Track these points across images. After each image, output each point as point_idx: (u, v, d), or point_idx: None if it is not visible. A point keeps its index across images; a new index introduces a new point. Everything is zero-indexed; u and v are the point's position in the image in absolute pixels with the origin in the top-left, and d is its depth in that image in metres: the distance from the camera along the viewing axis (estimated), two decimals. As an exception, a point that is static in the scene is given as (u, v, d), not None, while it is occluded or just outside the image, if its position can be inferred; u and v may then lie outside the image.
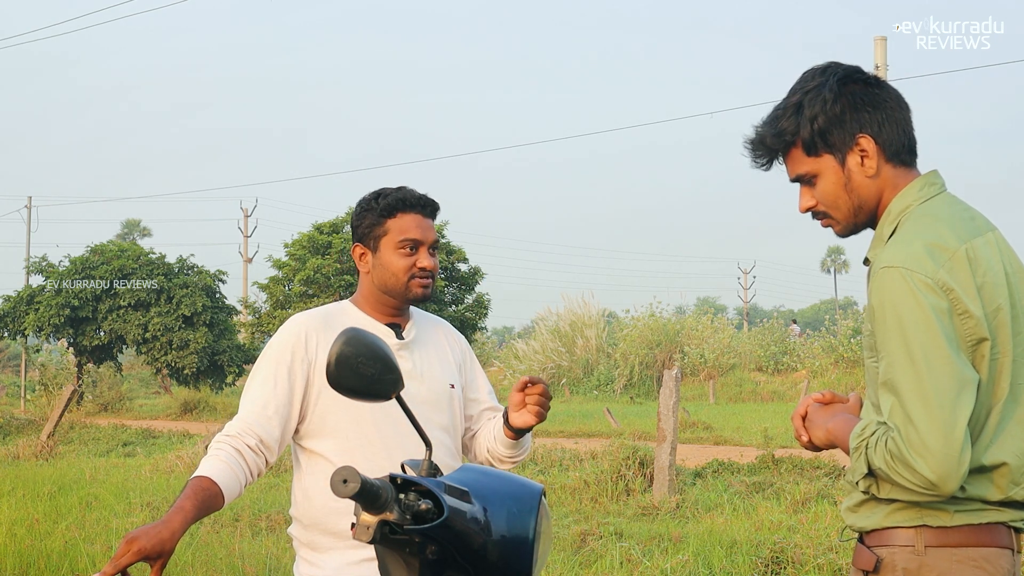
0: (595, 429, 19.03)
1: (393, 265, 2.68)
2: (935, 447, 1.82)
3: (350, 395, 1.93)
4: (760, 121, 2.14)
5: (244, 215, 47.99)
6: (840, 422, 2.06)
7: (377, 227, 2.70)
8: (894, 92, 2.09)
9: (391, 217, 2.69)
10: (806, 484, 9.47)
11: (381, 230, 2.70)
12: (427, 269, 2.69)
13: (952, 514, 1.94)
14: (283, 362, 2.63)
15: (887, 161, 2.06)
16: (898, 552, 1.97)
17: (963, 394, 1.86)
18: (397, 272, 2.68)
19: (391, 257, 2.69)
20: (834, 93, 2.05)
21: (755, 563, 6.37)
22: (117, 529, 7.95)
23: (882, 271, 1.94)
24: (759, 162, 2.15)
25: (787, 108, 2.09)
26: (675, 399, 9.81)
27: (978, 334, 1.92)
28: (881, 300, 1.94)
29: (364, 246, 2.74)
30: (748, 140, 2.15)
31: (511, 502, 1.90)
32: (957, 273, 1.93)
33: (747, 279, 69.32)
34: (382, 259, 2.70)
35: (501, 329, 76.11)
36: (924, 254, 1.93)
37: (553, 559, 6.76)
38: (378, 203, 2.71)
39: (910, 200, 2.04)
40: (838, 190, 2.08)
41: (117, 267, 28.32)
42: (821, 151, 2.07)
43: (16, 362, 46.25)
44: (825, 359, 34.69)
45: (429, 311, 19.41)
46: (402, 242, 2.68)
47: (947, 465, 1.82)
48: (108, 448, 16.23)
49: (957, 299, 1.91)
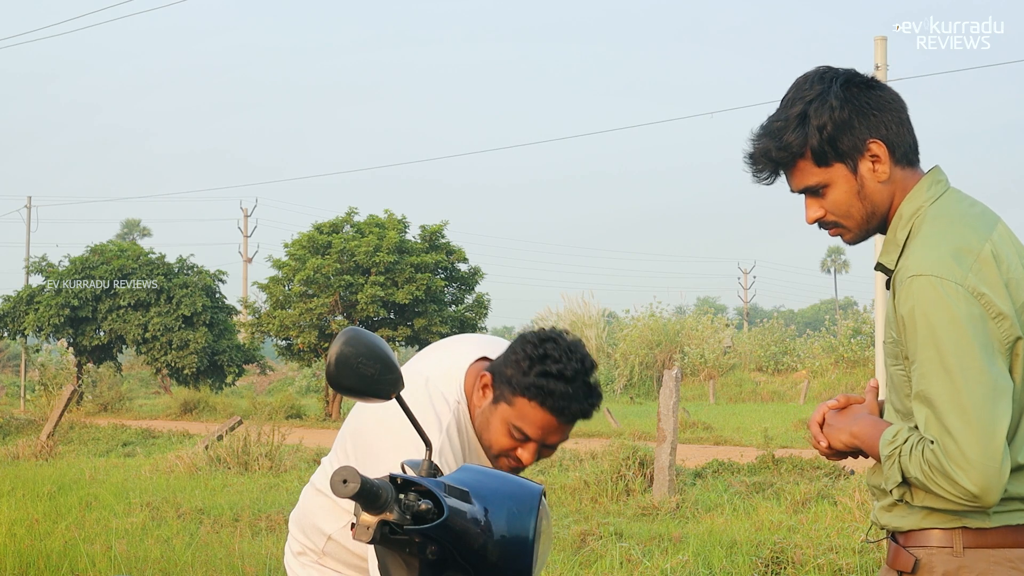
0: (595, 429, 19.03)
1: (496, 435, 2.33)
2: (975, 459, 1.80)
3: (350, 395, 1.93)
4: (754, 134, 2.05)
5: (244, 215, 48.02)
6: (866, 425, 2.02)
7: (510, 393, 2.28)
8: (893, 92, 2.05)
9: (527, 398, 2.27)
10: (806, 484, 9.47)
11: (511, 397, 2.28)
12: (523, 463, 2.34)
13: (990, 515, 1.92)
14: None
15: (897, 164, 2.03)
16: (936, 553, 1.95)
17: (1000, 403, 1.84)
18: (493, 444, 2.34)
19: (499, 426, 2.31)
20: (840, 99, 1.99)
21: (755, 563, 6.37)
22: (117, 529, 7.94)
23: (911, 280, 1.91)
24: (760, 177, 2.07)
25: (789, 120, 2.00)
26: (675, 399, 9.81)
27: (1013, 334, 1.90)
28: (911, 310, 1.90)
29: (492, 384, 2.33)
30: (748, 155, 2.06)
31: (511, 502, 1.89)
32: (986, 274, 1.90)
33: (747, 279, 69.36)
34: (491, 418, 2.33)
35: (501, 329, 76.04)
36: (951, 259, 1.90)
37: (553, 559, 6.76)
38: (531, 373, 2.26)
39: (920, 201, 2.01)
40: (851, 198, 2.02)
41: (117, 267, 28.34)
42: (832, 160, 2.01)
43: (16, 362, 46.26)
44: (825, 359, 34.71)
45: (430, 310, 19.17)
46: (516, 427, 2.30)
47: (988, 477, 1.81)
48: (108, 448, 16.23)
49: (989, 303, 1.88)
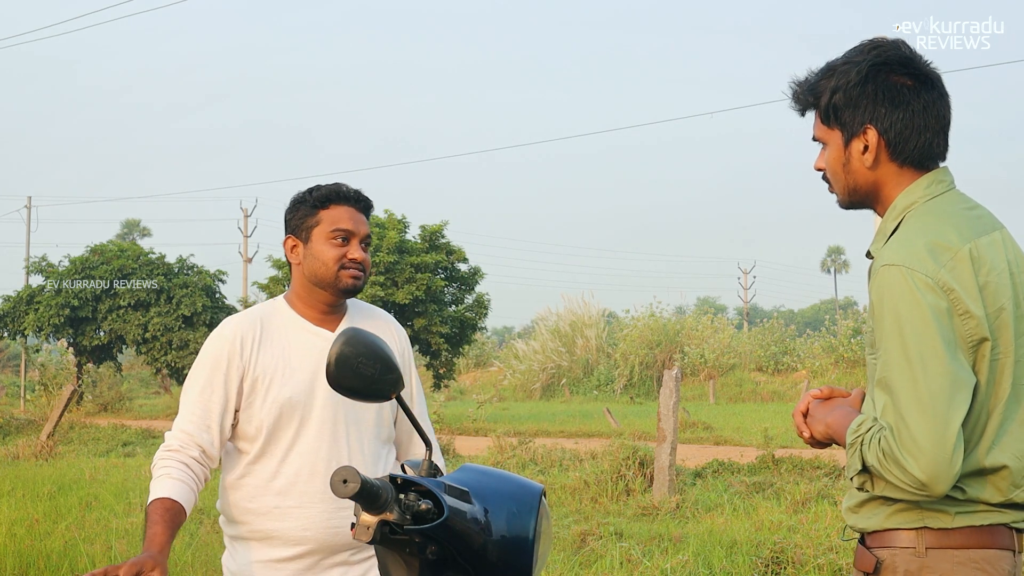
0: (595, 429, 19.04)
1: (324, 255, 2.68)
2: (926, 447, 1.82)
3: (350, 395, 1.93)
4: (816, 69, 2.13)
5: (244, 215, 47.98)
6: (839, 416, 2.05)
7: (310, 218, 2.71)
8: (931, 97, 2.03)
9: (324, 208, 2.70)
10: (806, 484, 9.47)
11: (313, 220, 2.70)
12: (357, 260, 2.69)
13: (953, 516, 1.93)
14: (219, 368, 2.66)
15: (890, 159, 2.04)
16: (899, 554, 1.96)
17: (957, 395, 1.85)
18: (327, 262, 2.68)
19: (322, 247, 2.69)
20: (860, 77, 2.03)
21: (755, 563, 6.37)
22: (117, 529, 7.95)
23: (883, 269, 1.93)
24: (794, 106, 2.16)
25: (828, 70, 2.08)
26: (675, 399, 9.81)
27: (979, 334, 1.91)
28: (880, 298, 1.93)
29: (296, 238, 2.73)
30: (795, 81, 2.14)
31: (511, 502, 1.89)
32: (959, 273, 1.91)
33: (747, 279, 69.34)
34: (313, 249, 2.70)
35: (501, 329, 76.10)
36: (925, 253, 1.91)
37: (553, 559, 6.76)
38: (311, 195, 2.73)
39: (916, 197, 2.02)
40: (837, 166, 2.09)
41: (117, 267, 28.32)
42: (832, 124, 2.07)
43: (16, 362, 46.25)
44: (825, 359, 34.70)
45: (429, 310, 19.02)
46: (334, 232, 2.68)
47: (938, 466, 1.82)
48: (108, 448, 16.23)
49: (958, 299, 1.89)
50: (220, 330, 2.70)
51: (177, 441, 2.60)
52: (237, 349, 2.66)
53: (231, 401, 2.65)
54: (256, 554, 2.64)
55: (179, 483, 2.51)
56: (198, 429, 2.61)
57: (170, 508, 2.45)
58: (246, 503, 2.64)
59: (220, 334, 2.69)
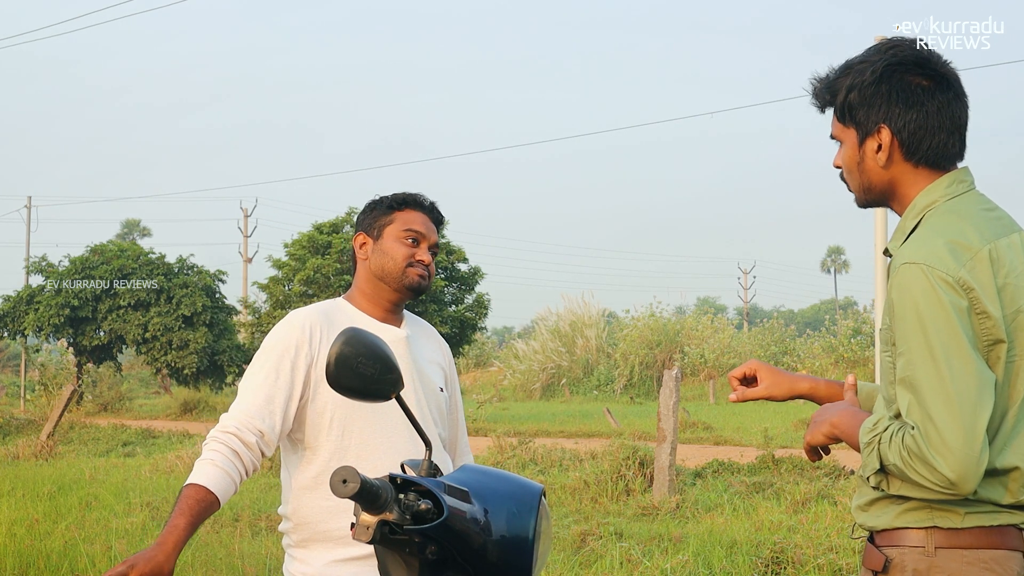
0: (595, 429, 19.04)
1: (394, 251, 2.74)
2: (956, 446, 1.81)
3: (350, 395, 1.93)
4: (837, 66, 2.14)
5: (244, 215, 48.00)
6: (846, 416, 2.04)
7: (383, 217, 2.78)
8: (945, 98, 2.03)
9: (399, 210, 2.78)
10: (806, 484, 9.48)
11: (387, 219, 2.78)
12: (425, 262, 2.75)
13: (963, 516, 1.93)
14: (287, 355, 2.62)
15: (904, 159, 2.04)
16: (908, 553, 1.95)
17: (984, 394, 1.85)
18: (396, 258, 2.73)
19: (392, 244, 2.75)
20: (875, 76, 2.03)
21: (755, 563, 6.37)
22: (117, 529, 7.95)
23: (903, 267, 1.93)
24: (814, 103, 2.17)
25: (845, 68, 2.09)
26: (675, 399, 9.81)
27: (995, 335, 1.91)
28: (901, 296, 1.92)
29: (367, 235, 2.80)
30: (815, 78, 2.15)
31: (511, 502, 1.89)
32: (978, 273, 1.91)
33: (747, 279, 69.36)
34: (383, 246, 2.76)
35: (501, 329, 76.13)
36: (946, 252, 1.91)
37: (553, 559, 6.76)
38: (389, 198, 2.81)
39: (936, 196, 2.02)
40: (852, 164, 2.10)
41: (117, 267, 28.33)
42: (848, 123, 2.08)
43: (16, 362, 46.27)
44: (825, 359, 34.69)
45: (429, 310, 19.23)
46: (406, 231, 2.75)
47: (967, 464, 1.81)
48: (108, 448, 16.23)
49: (976, 298, 1.89)
50: (289, 319, 2.68)
51: (235, 422, 2.53)
52: (306, 337, 2.64)
53: (296, 388, 2.61)
54: (332, 554, 2.59)
55: (221, 472, 2.45)
56: (260, 412, 2.55)
57: (203, 499, 2.38)
58: (323, 501, 2.59)
59: (289, 322, 2.67)
